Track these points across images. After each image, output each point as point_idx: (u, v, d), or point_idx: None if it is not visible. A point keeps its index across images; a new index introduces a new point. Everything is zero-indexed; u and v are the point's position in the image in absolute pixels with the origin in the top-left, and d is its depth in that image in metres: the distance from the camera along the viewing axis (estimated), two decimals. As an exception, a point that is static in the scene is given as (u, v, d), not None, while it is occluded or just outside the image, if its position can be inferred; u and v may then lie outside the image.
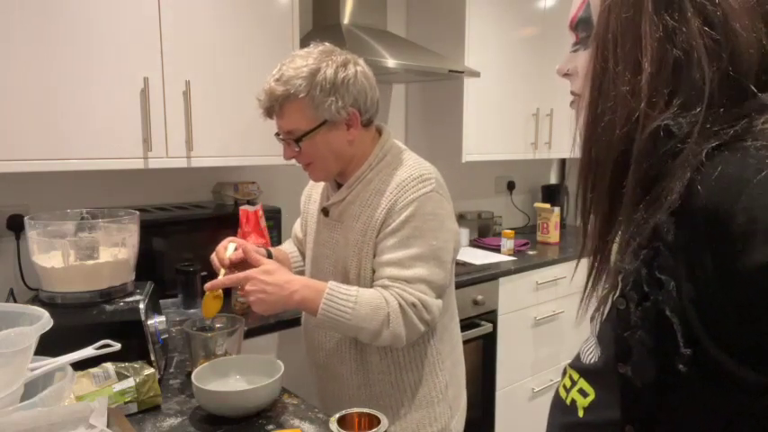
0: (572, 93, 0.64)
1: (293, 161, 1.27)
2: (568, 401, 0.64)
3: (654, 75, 0.52)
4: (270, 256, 1.40)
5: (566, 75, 0.65)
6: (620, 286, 0.55)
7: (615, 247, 0.60)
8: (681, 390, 0.51)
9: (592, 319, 0.64)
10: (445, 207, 1.24)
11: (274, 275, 1.18)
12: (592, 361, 0.64)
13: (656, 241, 0.51)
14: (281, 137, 1.25)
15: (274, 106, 1.20)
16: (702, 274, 0.48)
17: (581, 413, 0.61)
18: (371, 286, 1.24)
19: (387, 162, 1.26)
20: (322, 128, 1.19)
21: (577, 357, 0.67)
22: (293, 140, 1.21)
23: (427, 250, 1.19)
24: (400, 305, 1.17)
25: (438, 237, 1.20)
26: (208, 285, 1.22)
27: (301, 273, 1.51)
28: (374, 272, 1.24)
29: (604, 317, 0.61)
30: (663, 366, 0.52)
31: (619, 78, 0.53)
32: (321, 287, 1.19)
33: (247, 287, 1.16)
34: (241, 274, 1.19)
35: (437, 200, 1.22)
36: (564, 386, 0.66)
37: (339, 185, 1.31)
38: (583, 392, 0.62)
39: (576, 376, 0.65)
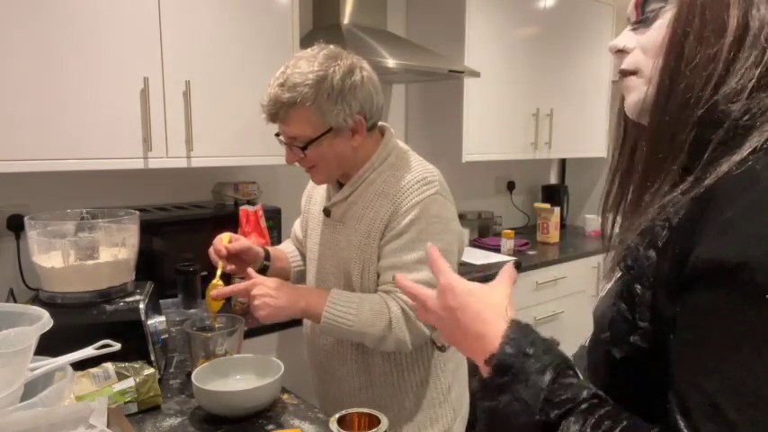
0: (621, 71, 0.63)
1: (295, 163, 1.27)
2: None
3: (735, 40, 0.52)
4: (268, 255, 1.40)
5: (619, 51, 0.64)
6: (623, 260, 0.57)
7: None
8: (640, 363, 0.53)
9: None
10: (449, 209, 1.23)
11: (279, 281, 1.20)
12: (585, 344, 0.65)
13: (661, 220, 0.52)
14: (283, 140, 1.24)
15: (279, 113, 1.17)
16: (679, 255, 0.49)
17: None
18: (375, 288, 1.24)
19: (390, 163, 1.25)
20: (327, 135, 1.17)
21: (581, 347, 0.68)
22: (297, 146, 1.20)
23: None
24: (403, 310, 1.17)
25: (443, 239, 1.19)
26: (214, 294, 1.22)
27: (301, 272, 1.51)
28: (378, 275, 1.24)
29: (603, 294, 0.62)
30: (629, 339, 0.54)
31: (703, 42, 0.54)
32: (325, 294, 1.19)
33: (254, 291, 1.16)
34: (248, 282, 1.19)
35: (441, 202, 1.21)
36: None
37: (341, 185, 1.31)
38: None
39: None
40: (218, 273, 1.27)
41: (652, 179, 0.57)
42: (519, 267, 0.68)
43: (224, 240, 1.30)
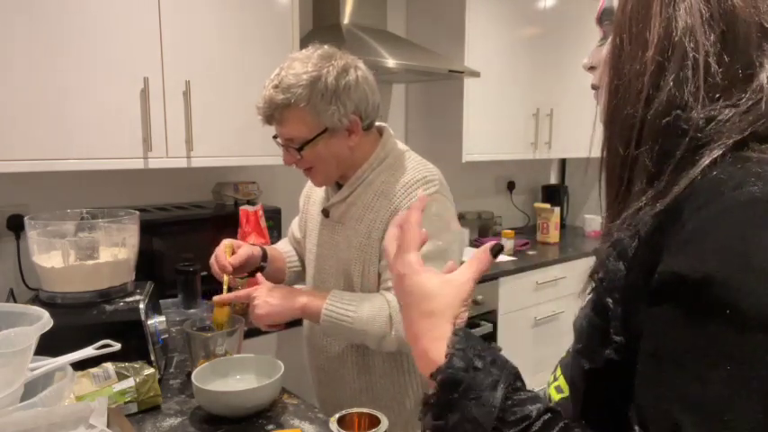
0: (592, 86, 0.64)
1: (293, 165, 1.27)
2: (547, 397, 0.64)
3: (657, 51, 0.52)
4: (265, 254, 1.40)
5: (590, 69, 0.65)
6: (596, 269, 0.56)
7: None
8: (609, 376, 0.52)
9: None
10: (449, 209, 1.23)
11: (278, 285, 1.22)
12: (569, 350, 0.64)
13: (631, 231, 0.52)
14: (280, 142, 1.24)
15: (274, 114, 1.17)
16: (647, 268, 0.48)
17: None
18: (377, 288, 1.23)
19: (388, 164, 1.25)
20: (323, 135, 1.17)
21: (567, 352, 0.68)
22: (293, 147, 1.20)
23: (434, 251, 1.17)
24: None
25: (443, 238, 1.19)
26: (216, 299, 1.24)
27: (297, 273, 1.51)
28: (380, 275, 1.23)
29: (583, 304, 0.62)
30: (602, 351, 0.53)
31: (631, 57, 0.54)
32: (324, 293, 1.20)
33: (253, 294, 1.19)
34: (250, 289, 1.21)
35: (441, 201, 1.21)
36: (549, 381, 0.66)
37: (339, 186, 1.30)
38: (559, 389, 0.63)
39: (558, 372, 0.65)
40: (225, 289, 1.28)
41: (613, 193, 0.57)
42: (500, 252, 0.64)
43: (227, 252, 1.30)
